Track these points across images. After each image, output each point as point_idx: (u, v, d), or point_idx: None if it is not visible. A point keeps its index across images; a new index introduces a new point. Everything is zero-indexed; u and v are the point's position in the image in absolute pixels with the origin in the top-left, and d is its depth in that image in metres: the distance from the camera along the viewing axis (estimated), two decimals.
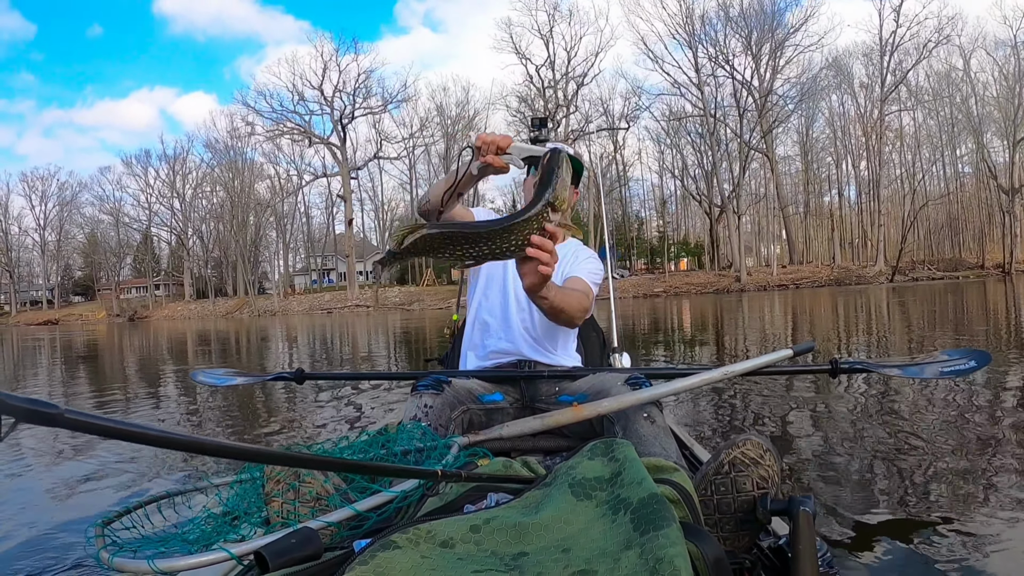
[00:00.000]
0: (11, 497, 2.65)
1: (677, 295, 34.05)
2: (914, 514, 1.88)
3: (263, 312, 42.65)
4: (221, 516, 1.06)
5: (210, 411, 4.73)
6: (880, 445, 2.64)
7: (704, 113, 40.45)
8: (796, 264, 41.47)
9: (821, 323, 10.48)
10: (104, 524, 1.00)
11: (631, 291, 36.80)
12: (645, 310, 19.13)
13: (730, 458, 1.05)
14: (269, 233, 53.25)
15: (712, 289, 35.75)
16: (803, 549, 0.89)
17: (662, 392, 1.42)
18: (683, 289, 36.77)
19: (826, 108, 43.47)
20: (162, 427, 3.16)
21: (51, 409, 0.42)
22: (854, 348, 6.54)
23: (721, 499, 1.05)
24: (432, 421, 1.39)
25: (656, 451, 1.31)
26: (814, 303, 17.44)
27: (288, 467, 1.00)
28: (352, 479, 1.06)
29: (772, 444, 1.05)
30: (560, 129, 40.22)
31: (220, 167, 50.88)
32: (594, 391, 1.50)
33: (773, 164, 41.33)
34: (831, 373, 1.62)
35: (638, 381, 1.47)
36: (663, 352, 7.50)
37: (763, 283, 35.64)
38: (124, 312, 51.52)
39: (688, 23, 39.88)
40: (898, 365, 1.65)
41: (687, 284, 38.07)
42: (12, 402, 0.42)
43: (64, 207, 58.00)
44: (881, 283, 32.41)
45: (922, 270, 36.57)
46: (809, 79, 39.64)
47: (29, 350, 15.01)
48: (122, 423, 0.47)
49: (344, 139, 44.97)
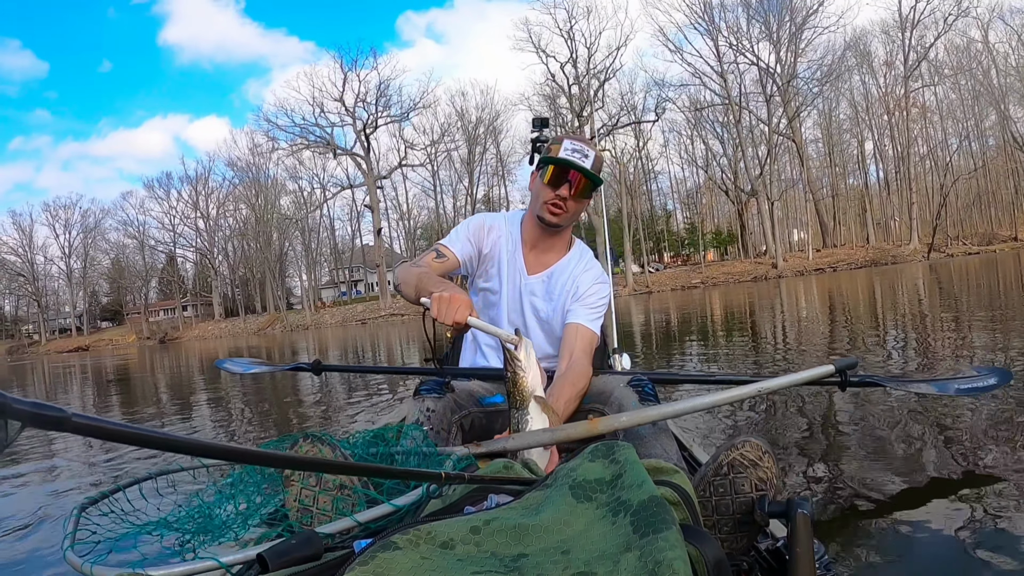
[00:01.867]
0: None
1: (715, 285, 33.59)
2: (914, 516, 1.89)
3: (296, 327, 42.57)
4: (215, 506, 1.02)
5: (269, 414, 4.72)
6: (880, 445, 2.64)
7: (728, 102, 40.17)
8: (829, 247, 41.08)
9: (881, 309, 9.19)
10: (78, 515, 0.93)
11: (668, 284, 36.76)
12: (689, 303, 18.57)
13: (729, 459, 1.06)
14: (296, 247, 53.46)
15: (750, 277, 35.38)
16: (801, 551, 0.89)
17: (686, 408, 1.35)
18: (720, 279, 36.33)
19: (847, 89, 43.17)
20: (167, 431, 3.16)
21: (58, 413, 0.42)
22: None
23: (720, 500, 1.06)
24: (434, 425, 1.39)
25: (657, 452, 1.32)
26: (859, 286, 16.73)
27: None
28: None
29: (771, 446, 1.06)
30: (588, 126, 39.91)
31: (243, 185, 51.26)
32: (595, 392, 1.50)
33: (801, 149, 40.98)
34: (840, 386, 1.58)
35: (640, 383, 1.47)
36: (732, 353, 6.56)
37: (800, 268, 35.37)
38: (154, 335, 51.87)
39: (707, 12, 39.81)
40: (912, 381, 1.63)
41: (724, 274, 37.67)
42: (18, 406, 0.42)
43: (88, 234, 58.93)
44: (917, 261, 32.07)
45: (956, 246, 36.27)
46: (836, 60, 39.38)
47: (70, 377, 14.62)
48: (129, 427, 0.47)
49: (368, 149, 45.00)
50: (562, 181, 1.53)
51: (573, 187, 1.53)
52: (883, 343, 5.54)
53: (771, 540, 1.08)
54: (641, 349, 7.38)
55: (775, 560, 1.01)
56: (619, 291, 35.83)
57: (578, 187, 1.53)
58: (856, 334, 6.33)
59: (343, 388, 5.43)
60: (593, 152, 1.54)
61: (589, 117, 40.57)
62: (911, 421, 3.00)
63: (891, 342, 5.56)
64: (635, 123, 42.88)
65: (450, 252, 1.62)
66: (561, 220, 1.58)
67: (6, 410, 0.41)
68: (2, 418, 0.41)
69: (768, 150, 39.25)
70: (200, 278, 59.52)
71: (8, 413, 0.41)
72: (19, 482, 3.04)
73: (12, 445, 0.42)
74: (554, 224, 1.58)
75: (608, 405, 1.45)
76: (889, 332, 6.19)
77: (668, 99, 42.32)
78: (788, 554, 0.92)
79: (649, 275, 39.64)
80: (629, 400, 1.42)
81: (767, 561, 1.03)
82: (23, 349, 56.57)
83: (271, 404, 5.22)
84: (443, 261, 1.61)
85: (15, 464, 3.38)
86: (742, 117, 40.17)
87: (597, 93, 41.28)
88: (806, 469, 2.40)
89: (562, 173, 1.52)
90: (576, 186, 1.53)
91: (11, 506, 2.59)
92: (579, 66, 40.97)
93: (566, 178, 1.52)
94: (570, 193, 1.53)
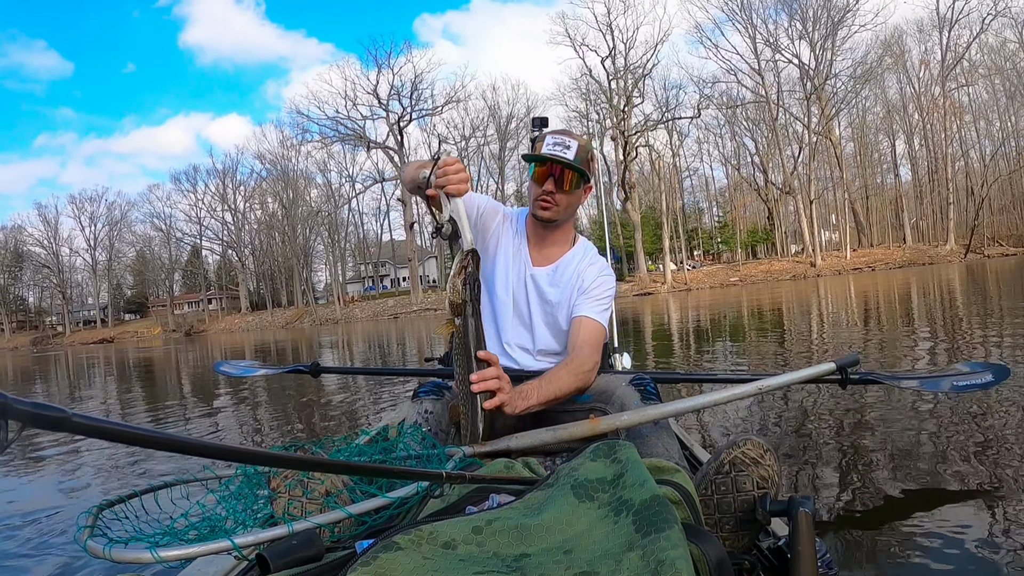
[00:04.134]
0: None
1: (753, 283, 33.35)
2: (915, 515, 1.89)
3: (325, 320, 42.18)
4: (219, 517, 1.05)
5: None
6: (881, 444, 2.64)
7: (766, 100, 39.92)
8: (865, 247, 40.78)
9: (937, 311, 8.69)
10: (96, 514, 0.98)
11: (706, 281, 36.55)
12: (735, 300, 18.15)
13: (730, 458, 1.06)
14: (324, 240, 53.22)
15: (788, 276, 35.12)
16: (802, 550, 0.89)
17: (687, 407, 1.37)
18: (759, 278, 36.06)
19: (879, 88, 42.81)
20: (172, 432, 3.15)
21: (58, 413, 0.42)
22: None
23: (721, 499, 1.06)
24: (432, 427, 1.39)
25: (658, 450, 1.32)
26: (898, 286, 16.44)
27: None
28: (354, 480, 1.06)
29: (772, 444, 1.06)
30: (627, 122, 39.77)
31: (271, 178, 51.33)
32: (597, 391, 1.50)
33: (836, 148, 40.69)
34: (840, 384, 1.59)
35: (642, 382, 1.47)
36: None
37: (838, 267, 35.18)
38: (180, 327, 51.81)
39: (745, 8, 39.52)
40: (910, 377, 1.64)
41: (763, 272, 37.38)
42: (18, 406, 0.42)
43: (113, 227, 59.42)
44: (954, 262, 31.86)
45: (993, 247, 36.01)
46: (875, 59, 39.11)
47: (94, 367, 14.47)
48: (129, 427, 0.47)
49: (401, 143, 44.62)
50: (547, 176, 1.56)
51: (558, 181, 1.56)
52: (938, 344, 5.38)
53: (773, 539, 1.08)
54: (694, 347, 7.30)
55: (777, 559, 1.01)
56: (657, 288, 35.83)
57: (564, 180, 1.56)
58: (910, 334, 6.16)
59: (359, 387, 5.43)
60: (576, 142, 1.56)
61: (628, 112, 40.27)
62: (912, 420, 3.00)
63: (946, 343, 5.40)
64: (674, 119, 42.46)
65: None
66: (553, 214, 1.59)
67: (6, 410, 0.41)
68: (2, 418, 0.41)
69: (809, 150, 38.94)
70: (224, 271, 59.73)
71: (8, 413, 0.41)
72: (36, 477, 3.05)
73: (12, 445, 0.42)
74: (547, 219, 1.60)
75: (610, 404, 1.45)
76: (946, 335, 5.93)
77: (708, 96, 42.04)
78: (790, 552, 0.92)
79: (687, 272, 39.27)
80: (631, 399, 1.41)
81: (769, 560, 1.02)
82: (47, 340, 56.81)
83: (278, 403, 5.22)
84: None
85: (38, 462, 3.39)
86: (779, 115, 39.75)
87: (635, 88, 40.87)
88: (807, 468, 2.40)
89: (546, 168, 1.56)
90: (561, 179, 1.56)
91: (35, 498, 2.62)
92: (617, 61, 40.77)
93: (551, 172, 1.56)
94: (556, 187, 1.56)
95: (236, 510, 1.05)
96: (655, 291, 35.04)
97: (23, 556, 1.97)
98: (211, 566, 1.10)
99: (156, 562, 0.82)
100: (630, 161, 40.12)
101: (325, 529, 0.92)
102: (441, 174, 1.31)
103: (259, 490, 1.09)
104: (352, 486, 1.03)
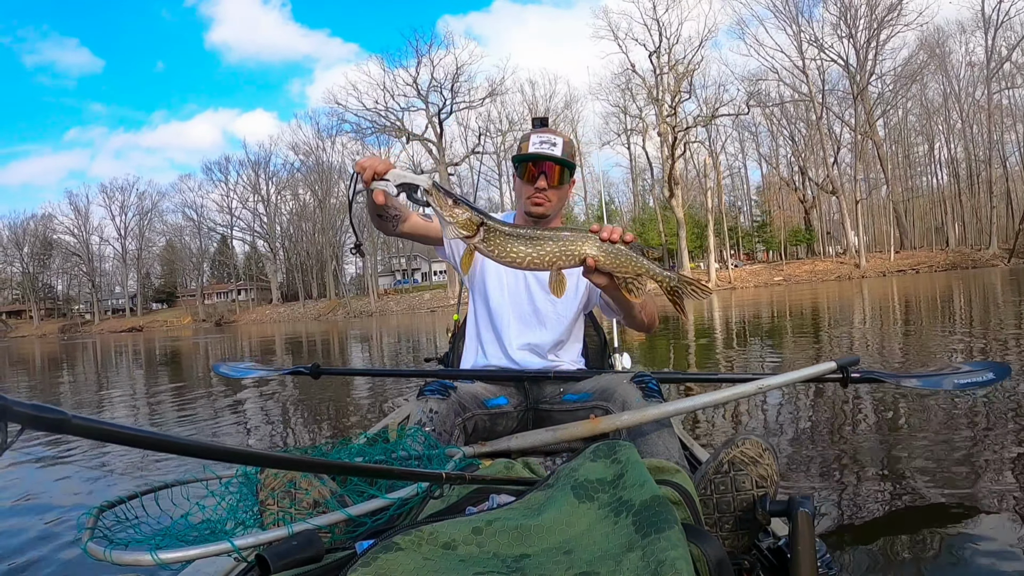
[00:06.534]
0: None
1: (798, 283, 33.07)
2: (915, 515, 1.89)
3: (359, 313, 41.91)
4: (219, 518, 1.05)
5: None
6: (881, 445, 2.64)
7: (809, 99, 39.52)
8: (908, 249, 40.45)
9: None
10: (97, 515, 0.98)
11: (750, 280, 36.37)
12: (788, 299, 17.63)
13: (729, 457, 1.06)
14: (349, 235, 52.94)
15: (833, 276, 34.86)
16: (802, 550, 0.89)
17: (687, 407, 1.38)
18: (803, 278, 35.80)
19: (918, 89, 42.04)
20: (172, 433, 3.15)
21: (58, 415, 0.42)
22: None
23: (721, 498, 1.06)
24: (437, 427, 1.38)
25: (659, 448, 1.32)
26: (948, 289, 15.83)
27: (283, 473, 0.99)
28: (351, 481, 1.05)
29: (770, 443, 1.06)
30: (673, 118, 39.28)
31: (305, 170, 51.27)
32: (599, 389, 1.49)
33: (880, 148, 40.33)
34: (842, 383, 1.59)
35: (644, 379, 1.47)
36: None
37: (882, 269, 35.01)
38: (210, 317, 51.72)
39: (790, 6, 39.00)
40: (910, 376, 1.64)
41: (807, 272, 37.10)
42: (18, 408, 0.42)
43: (144, 216, 59.86)
44: (998, 266, 31.59)
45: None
46: (923, 61, 38.64)
47: (123, 355, 14.30)
48: (128, 428, 0.47)
49: (441, 135, 44.06)
50: (538, 174, 1.60)
51: (549, 177, 1.60)
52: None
53: (773, 539, 1.08)
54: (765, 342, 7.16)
55: (777, 559, 1.01)
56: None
57: (553, 176, 1.60)
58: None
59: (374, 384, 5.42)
60: (561, 139, 1.61)
61: (676, 108, 39.70)
62: (911, 421, 3.00)
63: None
64: (725, 115, 41.87)
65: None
66: (547, 209, 1.64)
67: (6, 412, 0.41)
68: (2, 420, 0.41)
69: (855, 150, 38.46)
70: (254, 262, 60.03)
71: (8, 415, 0.41)
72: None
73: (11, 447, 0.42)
74: (540, 214, 1.64)
75: (611, 402, 1.44)
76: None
77: (755, 93, 41.38)
78: (790, 552, 0.92)
79: (731, 271, 38.83)
80: (633, 396, 1.41)
81: (769, 560, 1.02)
82: (76, 328, 56.95)
83: (307, 394, 5.20)
84: (427, 218, 1.68)
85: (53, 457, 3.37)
86: (823, 114, 39.23)
87: (685, 83, 40.10)
88: (807, 468, 2.40)
89: (536, 167, 1.60)
90: (551, 175, 1.60)
91: (36, 495, 2.61)
92: (661, 57, 39.90)
93: (541, 170, 1.60)
94: (547, 183, 1.60)
95: (236, 511, 1.05)
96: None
97: (23, 555, 1.96)
98: (211, 567, 1.10)
99: (156, 564, 0.82)
100: (678, 157, 39.56)
101: (325, 530, 0.92)
102: (360, 170, 1.29)
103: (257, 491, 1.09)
104: (341, 491, 1.03)
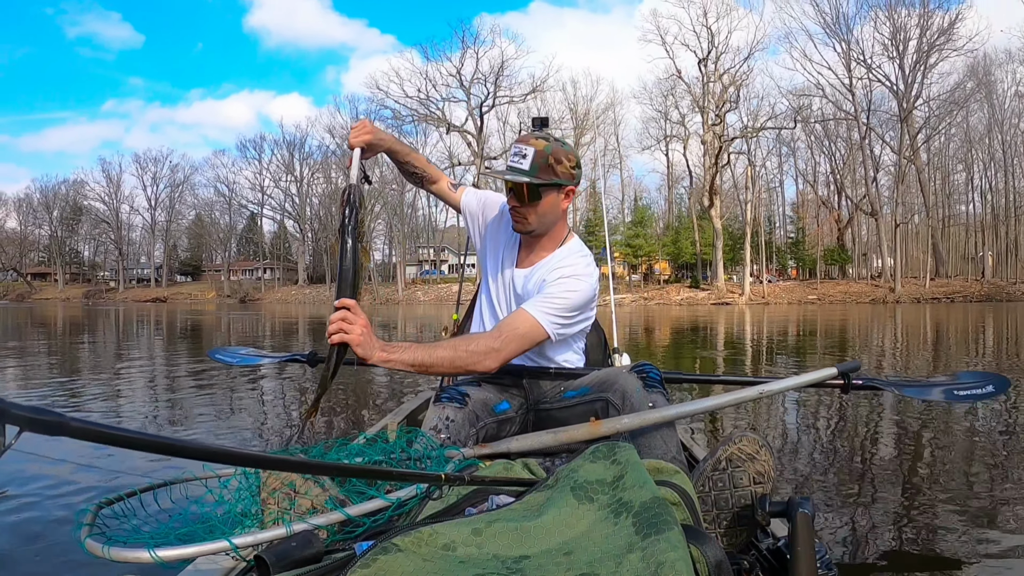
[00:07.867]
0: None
1: (831, 303, 32.48)
2: (914, 515, 1.89)
3: (386, 300, 41.87)
4: (217, 517, 1.04)
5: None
6: (881, 446, 2.65)
7: (854, 118, 38.97)
8: (943, 277, 39.54)
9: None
10: (95, 512, 0.98)
11: (784, 297, 36.14)
12: (824, 320, 16.65)
13: (727, 454, 1.07)
14: (385, 220, 53.06)
15: (868, 299, 34.32)
16: (802, 550, 0.89)
17: (687, 411, 1.37)
18: (837, 298, 35.13)
19: (962, 116, 41.16)
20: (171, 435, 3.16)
21: (56, 418, 0.42)
22: None
23: (719, 495, 1.06)
24: (452, 435, 1.36)
25: (658, 445, 1.31)
26: (986, 320, 15.19)
27: (283, 473, 0.99)
28: (351, 482, 1.05)
29: (767, 441, 1.06)
30: (720, 127, 39.04)
31: (340, 152, 50.19)
32: (598, 382, 1.48)
33: (921, 173, 39.72)
34: (843, 389, 1.59)
35: (644, 368, 1.46)
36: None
37: (916, 295, 34.36)
38: (235, 293, 51.71)
39: (839, 23, 38.44)
40: (911, 385, 1.63)
41: (841, 292, 36.57)
42: (15, 411, 0.41)
43: (175, 188, 60.32)
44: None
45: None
46: (970, 89, 37.97)
47: (170, 329, 14.01)
48: (127, 431, 0.47)
49: (481, 128, 43.84)
50: (508, 191, 1.52)
51: (517, 195, 1.50)
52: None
53: (772, 539, 1.08)
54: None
55: (776, 559, 1.01)
56: (735, 299, 35.09)
57: (521, 194, 1.49)
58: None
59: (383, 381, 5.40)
60: (532, 148, 1.47)
61: (723, 117, 39.33)
62: (913, 424, 3.01)
63: None
64: (772, 128, 41.26)
65: (462, 192, 1.72)
66: (524, 228, 1.54)
67: (4, 415, 0.41)
68: (1, 423, 0.41)
69: (898, 173, 37.87)
70: (281, 241, 60.28)
71: (6, 418, 0.41)
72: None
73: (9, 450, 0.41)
74: (521, 232, 1.57)
75: (612, 393, 1.42)
76: None
77: (802, 108, 40.63)
78: (789, 553, 0.92)
79: (765, 286, 38.40)
80: (633, 387, 1.39)
81: (768, 560, 1.02)
82: (100, 294, 57.08)
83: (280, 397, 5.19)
84: (453, 188, 1.72)
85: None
86: (867, 135, 38.50)
87: (727, 94, 39.41)
88: (807, 468, 2.40)
89: (509, 182, 1.50)
90: (519, 193, 1.49)
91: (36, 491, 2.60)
92: (709, 65, 39.50)
93: (511, 187, 1.50)
94: (518, 201, 1.50)
95: (235, 510, 1.05)
96: (733, 302, 34.39)
97: (19, 550, 1.96)
98: (210, 567, 1.10)
99: (154, 562, 0.82)
100: (722, 167, 39.14)
101: (324, 531, 0.92)
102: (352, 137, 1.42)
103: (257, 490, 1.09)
104: (342, 491, 1.03)
